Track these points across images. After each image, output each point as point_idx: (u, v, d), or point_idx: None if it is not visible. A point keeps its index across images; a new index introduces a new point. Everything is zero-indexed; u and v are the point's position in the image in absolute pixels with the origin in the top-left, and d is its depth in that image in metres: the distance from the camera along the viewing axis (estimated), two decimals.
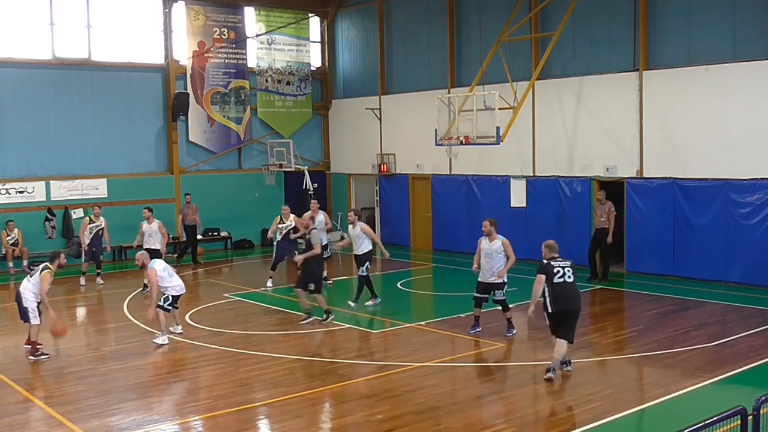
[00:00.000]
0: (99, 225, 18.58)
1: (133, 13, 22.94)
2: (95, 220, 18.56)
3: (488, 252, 12.70)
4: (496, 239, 12.69)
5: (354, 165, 26.14)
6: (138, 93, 23.19)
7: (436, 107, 19.30)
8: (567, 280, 10.39)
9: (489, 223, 12.80)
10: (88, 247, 18.54)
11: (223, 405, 9.71)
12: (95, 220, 18.57)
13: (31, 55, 21.42)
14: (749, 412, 5.73)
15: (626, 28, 18.49)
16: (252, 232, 24.80)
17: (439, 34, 22.84)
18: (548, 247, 10.79)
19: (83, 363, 11.91)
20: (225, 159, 24.93)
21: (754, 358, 11.25)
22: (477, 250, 12.90)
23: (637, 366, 11.30)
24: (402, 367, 11.14)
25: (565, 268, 10.46)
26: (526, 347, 12.53)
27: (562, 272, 10.40)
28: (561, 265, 10.49)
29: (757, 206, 16.39)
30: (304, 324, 13.81)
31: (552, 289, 10.34)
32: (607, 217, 17.28)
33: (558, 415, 9.12)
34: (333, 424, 9.31)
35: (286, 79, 25.88)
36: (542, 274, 10.41)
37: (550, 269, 10.41)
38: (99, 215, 18.74)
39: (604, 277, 17.53)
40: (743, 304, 14.95)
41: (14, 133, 21.19)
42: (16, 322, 15.33)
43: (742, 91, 16.50)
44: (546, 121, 20.10)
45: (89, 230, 18.47)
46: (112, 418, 9.35)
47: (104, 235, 18.80)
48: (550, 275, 10.37)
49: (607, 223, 17.21)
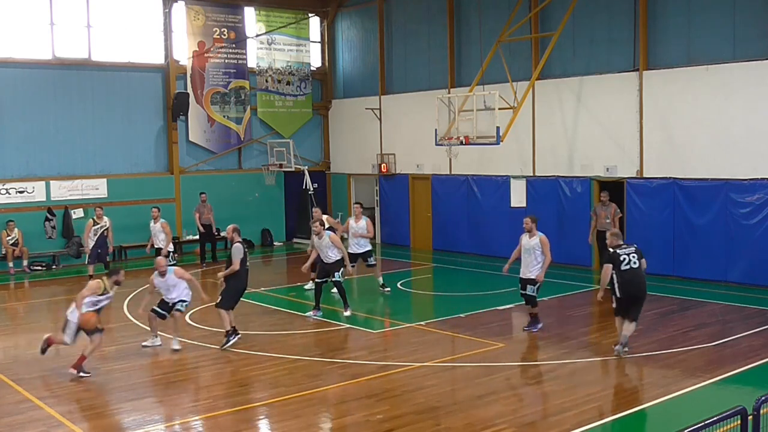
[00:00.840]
0: (104, 225, 18.47)
1: (133, 13, 22.93)
2: (99, 221, 18.44)
3: (527, 248, 13.15)
4: (535, 236, 13.10)
5: (354, 165, 26.14)
6: (138, 93, 23.19)
7: (436, 107, 19.30)
8: (633, 267, 11.10)
9: (530, 220, 13.26)
10: (93, 249, 18.39)
11: (223, 405, 9.71)
12: (99, 221, 18.45)
13: (31, 55, 21.42)
14: (749, 412, 5.73)
15: (626, 28, 18.49)
16: (252, 232, 24.78)
17: (439, 34, 22.84)
18: (614, 235, 11.53)
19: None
20: (225, 159, 24.94)
21: (754, 358, 11.25)
22: (518, 246, 13.40)
23: (637, 366, 11.29)
24: (402, 367, 11.14)
25: (630, 255, 11.15)
26: (526, 347, 12.53)
27: (627, 259, 11.10)
28: (626, 252, 11.18)
29: (757, 206, 16.39)
30: (225, 347, 12.41)
31: (620, 276, 11.05)
32: (613, 218, 17.20)
33: (558, 415, 9.11)
34: (333, 424, 9.31)
35: (286, 79, 25.89)
36: (610, 263, 11.12)
37: (617, 258, 11.10)
38: (102, 216, 18.63)
39: None
40: (743, 304, 14.94)
41: (14, 133, 21.19)
42: (16, 322, 15.37)
43: (742, 91, 16.50)
44: (546, 121, 20.11)
45: (94, 232, 18.31)
46: (112, 418, 9.35)
47: (109, 236, 18.68)
48: (617, 263, 11.07)
49: (613, 225, 17.12)
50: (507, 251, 21.09)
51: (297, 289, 17.72)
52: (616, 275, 11.07)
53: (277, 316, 14.91)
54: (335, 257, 14.49)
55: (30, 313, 16.26)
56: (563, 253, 19.81)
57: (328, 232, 14.74)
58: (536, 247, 13.00)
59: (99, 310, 11.23)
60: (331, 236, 14.65)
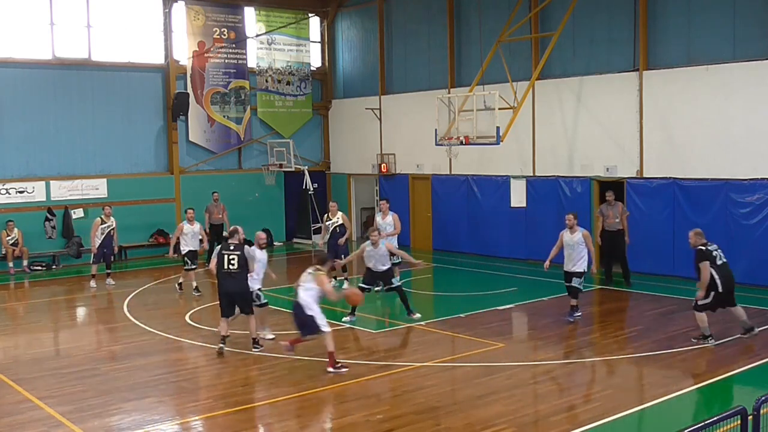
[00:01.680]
0: (110, 225, 18.36)
1: (133, 13, 22.93)
2: (106, 221, 18.32)
3: (570, 243, 13.79)
4: (577, 231, 13.75)
5: (354, 165, 26.14)
6: (138, 93, 23.19)
7: (436, 107, 19.30)
8: (725, 261, 11.76)
9: (573, 216, 13.91)
10: (99, 249, 18.29)
11: (223, 405, 9.71)
12: (106, 220, 18.34)
13: (31, 55, 21.42)
14: (749, 412, 5.73)
15: (626, 28, 18.49)
16: (252, 232, 24.61)
17: (439, 34, 22.84)
18: (698, 234, 11.90)
19: (83, 363, 11.89)
20: (225, 159, 24.94)
21: (754, 358, 11.25)
22: (558, 241, 13.98)
23: (637, 366, 11.30)
24: (402, 367, 11.14)
25: (718, 250, 11.77)
26: (526, 347, 12.54)
27: (718, 254, 11.70)
28: (713, 248, 11.73)
29: (757, 206, 16.39)
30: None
31: (718, 271, 11.58)
32: (621, 217, 17.14)
33: (558, 415, 9.11)
34: (333, 424, 9.31)
35: (286, 79, 25.89)
36: (706, 260, 11.56)
37: (710, 254, 11.60)
38: (110, 215, 18.51)
39: (627, 281, 17.22)
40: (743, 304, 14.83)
41: (14, 133, 21.19)
42: (17, 322, 15.36)
43: (742, 91, 16.50)
44: (546, 121, 20.11)
45: (101, 231, 18.21)
46: (112, 418, 9.35)
47: (114, 236, 18.56)
48: (712, 259, 11.58)
49: (621, 225, 17.08)
50: (507, 251, 21.39)
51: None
52: (715, 271, 11.53)
53: (277, 316, 14.91)
54: (389, 265, 14.30)
55: (30, 313, 16.26)
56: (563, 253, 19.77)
57: (383, 241, 14.27)
58: (579, 242, 13.69)
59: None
60: (387, 245, 14.35)
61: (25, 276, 20.30)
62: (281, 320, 14.54)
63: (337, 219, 17.42)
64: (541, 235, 20.20)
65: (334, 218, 17.44)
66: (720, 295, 11.67)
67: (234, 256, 11.96)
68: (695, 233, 11.94)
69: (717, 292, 11.63)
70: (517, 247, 20.91)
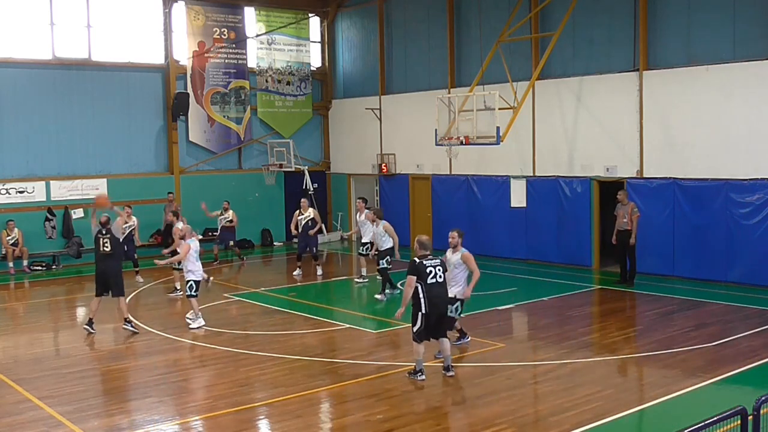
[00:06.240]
0: (132, 225, 18.47)
1: (133, 13, 22.92)
2: (128, 221, 18.29)
3: (451, 263, 11.99)
4: (458, 252, 12.06)
5: (354, 165, 26.14)
6: (138, 93, 23.19)
7: (436, 107, 19.29)
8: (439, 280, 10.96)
9: (457, 234, 12.38)
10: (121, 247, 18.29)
11: (223, 405, 9.71)
12: (128, 220, 18.31)
13: (31, 55, 21.41)
14: (749, 412, 5.73)
15: (626, 28, 18.49)
16: (252, 232, 24.80)
17: (439, 34, 22.84)
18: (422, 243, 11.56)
19: (83, 363, 11.90)
20: (225, 159, 24.94)
21: (754, 358, 11.24)
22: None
23: (637, 366, 11.30)
24: (402, 367, 11.13)
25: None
26: (526, 347, 12.53)
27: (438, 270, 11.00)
28: (436, 263, 11.09)
29: (757, 206, 16.38)
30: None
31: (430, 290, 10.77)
32: (630, 218, 17.03)
33: (558, 415, 9.11)
34: (333, 424, 9.30)
35: (286, 79, 25.89)
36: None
37: (423, 268, 11.05)
38: (131, 215, 18.53)
39: (630, 281, 17.20)
40: (743, 304, 14.94)
41: (14, 133, 21.18)
42: (17, 322, 15.36)
43: (742, 91, 16.50)
44: (546, 121, 20.10)
45: (122, 231, 18.20)
46: (112, 418, 9.35)
47: (136, 235, 18.77)
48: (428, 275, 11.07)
49: (630, 225, 17.00)
50: (507, 251, 21.39)
51: (297, 289, 17.73)
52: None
53: (277, 316, 14.91)
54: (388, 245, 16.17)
55: (30, 313, 16.25)
56: (563, 254, 19.83)
57: (383, 222, 16.36)
58: (458, 264, 11.94)
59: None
60: (385, 225, 16.30)
61: (25, 276, 20.30)
62: (281, 320, 14.55)
63: (308, 214, 19.09)
64: (541, 235, 20.24)
65: (306, 213, 19.11)
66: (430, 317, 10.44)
67: (107, 240, 13.60)
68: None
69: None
70: (517, 247, 20.91)
